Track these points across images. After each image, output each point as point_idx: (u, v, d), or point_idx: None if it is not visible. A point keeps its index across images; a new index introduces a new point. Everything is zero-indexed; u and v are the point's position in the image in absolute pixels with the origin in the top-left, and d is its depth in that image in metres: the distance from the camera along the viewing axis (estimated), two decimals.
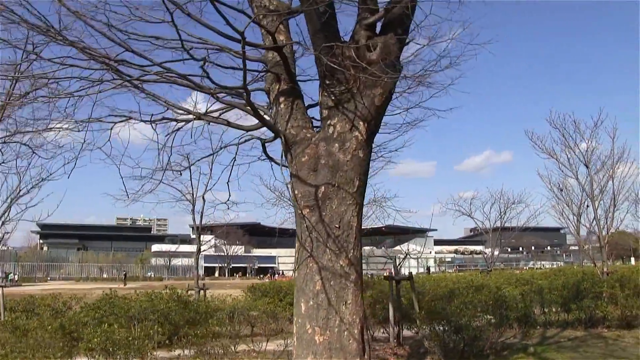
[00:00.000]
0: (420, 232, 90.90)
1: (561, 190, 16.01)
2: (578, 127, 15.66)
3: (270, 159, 6.13)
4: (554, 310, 13.61)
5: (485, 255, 29.03)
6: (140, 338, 7.03)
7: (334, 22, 5.22)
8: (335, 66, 4.81)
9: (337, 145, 5.01)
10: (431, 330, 9.54)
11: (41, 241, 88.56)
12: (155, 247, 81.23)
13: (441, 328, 9.53)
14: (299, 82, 6.50)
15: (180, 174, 6.84)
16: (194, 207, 16.47)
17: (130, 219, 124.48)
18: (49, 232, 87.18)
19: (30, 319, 11.65)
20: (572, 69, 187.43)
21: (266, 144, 5.99)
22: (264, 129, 5.72)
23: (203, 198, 15.52)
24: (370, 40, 5.24)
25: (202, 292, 15.98)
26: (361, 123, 5.06)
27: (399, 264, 11.34)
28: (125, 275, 56.50)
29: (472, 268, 68.57)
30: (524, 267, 71.45)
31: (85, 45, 4.57)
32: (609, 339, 11.62)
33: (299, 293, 4.97)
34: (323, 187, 4.91)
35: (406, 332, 11.54)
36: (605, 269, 14.54)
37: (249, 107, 5.32)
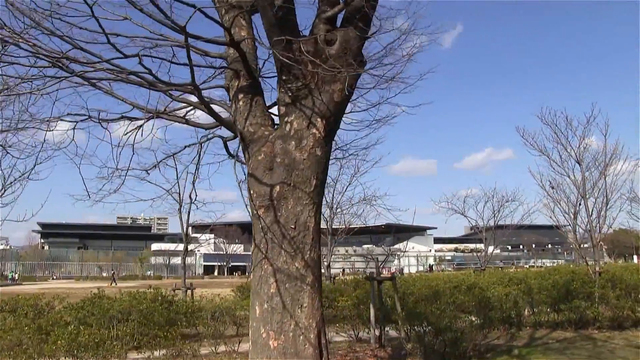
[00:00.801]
0: (419, 231, 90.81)
1: (553, 187, 15.77)
2: (570, 124, 15.42)
3: (233, 157, 5.97)
4: (544, 310, 13.41)
5: (478, 254, 28.84)
6: (108, 340, 6.88)
7: (292, 16, 5.04)
8: (288, 61, 4.63)
9: (293, 143, 4.84)
10: (411, 332, 9.37)
11: (42, 240, 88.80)
12: (155, 246, 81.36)
13: (422, 330, 9.36)
14: (266, 79, 6.37)
15: (148, 174, 6.65)
16: (180, 206, 16.37)
17: (131, 218, 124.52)
18: (50, 231, 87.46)
19: (17, 319, 11.55)
20: (570, 67, 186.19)
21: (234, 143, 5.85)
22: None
23: (190, 197, 15.34)
24: (330, 34, 5.07)
25: (189, 291, 15.84)
26: (319, 120, 4.89)
27: (381, 264, 11.15)
28: (114, 274, 56.68)
29: (472, 266, 68.20)
30: (525, 266, 71.10)
31: (34, 42, 4.43)
32: (598, 340, 11.42)
33: (254, 296, 4.81)
34: (278, 187, 4.74)
35: (393, 333, 11.37)
36: (597, 268, 14.28)
37: (208, 106, 5.19)
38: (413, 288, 12.70)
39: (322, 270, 21.28)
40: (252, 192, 4.89)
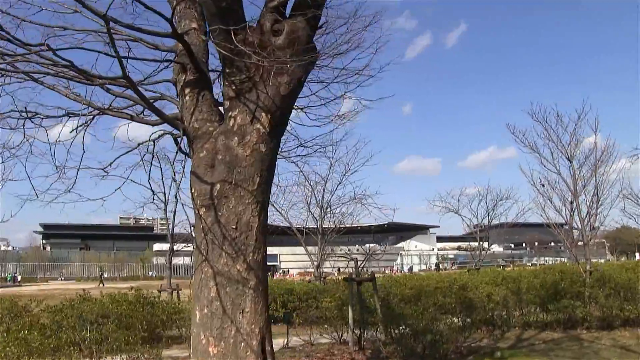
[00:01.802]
0: (422, 229, 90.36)
1: (543, 185, 15.44)
2: (561, 120, 15.09)
3: (187, 155, 5.73)
4: (532, 310, 13.11)
5: (472, 253, 28.51)
6: (67, 345, 6.66)
7: (236, 6, 4.79)
8: (227, 53, 4.40)
9: (236, 139, 4.59)
10: (390, 334, 9.11)
11: (44, 241, 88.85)
12: (157, 246, 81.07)
13: (400, 332, 9.11)
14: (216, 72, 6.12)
15: (107, 173, 6.41)
16: (166, 206, 16.19)
17: (134, 218, 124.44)
18: (52, 232, 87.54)
19: None
20: (569, 67, 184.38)
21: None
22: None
23: (176, 197, 15.20)
24: (277, 24, 4.82)
25: (174, 292, 15.66)
26: (263, 114, 4.65)
27: (361, 264, 10.89)
28: (101, 275, 56.45)
29: (475, 265, 67.64)
30: (527, 264, 70.55)
31: None
32: (585, 341, 11.13)
33: (195, 300, 4.58)
34: (219, 185, 4.50)
35: (380, 335, 11.09)
36: (588, 267, 13.94)
37: (147, 101, 4.96)
38: (396, 289, 12.39)
39: (312, 270, 20.89)
40: (193, 190, 4.66)
